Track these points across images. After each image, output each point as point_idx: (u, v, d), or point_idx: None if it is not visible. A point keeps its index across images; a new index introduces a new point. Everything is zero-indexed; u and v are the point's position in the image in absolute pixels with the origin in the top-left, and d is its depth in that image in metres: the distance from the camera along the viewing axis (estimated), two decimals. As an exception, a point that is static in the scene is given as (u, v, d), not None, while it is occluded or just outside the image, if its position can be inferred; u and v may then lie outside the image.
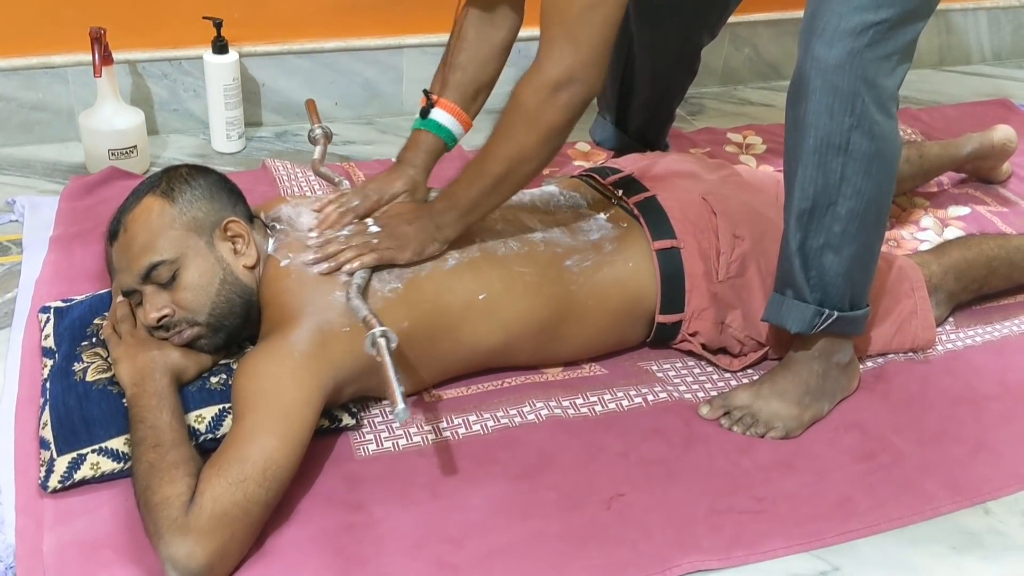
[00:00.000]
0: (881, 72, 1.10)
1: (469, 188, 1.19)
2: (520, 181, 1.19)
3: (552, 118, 1.13)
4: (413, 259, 1.20)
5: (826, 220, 1.16)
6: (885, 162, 1.15)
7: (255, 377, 1.07)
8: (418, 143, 1.37)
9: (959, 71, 2.55)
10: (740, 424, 1.25)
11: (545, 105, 1.12)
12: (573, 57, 1.10)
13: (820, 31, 1.09)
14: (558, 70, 1.11)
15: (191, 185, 1.19)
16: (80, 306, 1.31)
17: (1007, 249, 1.51)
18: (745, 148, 2.02)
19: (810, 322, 1.22)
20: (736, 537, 1.10)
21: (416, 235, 1.21)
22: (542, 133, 1.14)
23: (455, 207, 1.20)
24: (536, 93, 1.12)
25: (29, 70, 1.78)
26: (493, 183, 1.18)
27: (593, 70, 1.12)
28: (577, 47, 1.10)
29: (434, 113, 1.36)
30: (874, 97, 1.10)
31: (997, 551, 1.12)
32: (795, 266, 1.20)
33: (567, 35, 1.10)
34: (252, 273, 1.19)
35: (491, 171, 1.17)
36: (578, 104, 1.13)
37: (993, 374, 1.39)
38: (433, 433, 1.21)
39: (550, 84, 1.11)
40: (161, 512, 0.96)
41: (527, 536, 1.07)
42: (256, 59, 1.91)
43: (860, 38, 1.08)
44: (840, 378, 1.29)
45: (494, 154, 1.17)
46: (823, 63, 1.09)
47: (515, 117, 1.14)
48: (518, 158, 1.16)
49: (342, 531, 1.06)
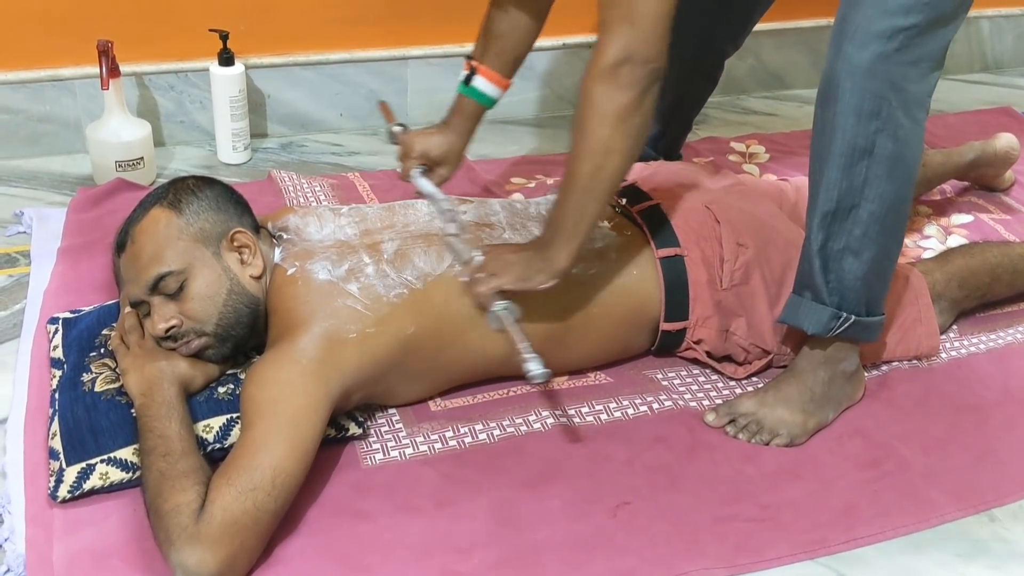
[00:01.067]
0: (910, 77, 1.11)
1: (566, 203, 1.15)
2: (611, 178, 1.14)
3: (619, 99, 1.09)
4: (515, 287, 1.17)
5: (848, 223, 1.17)
6: (906, 167, 1.16)
7: (263, 385, 1.08)
8: (461, 109, 1.42)
9: (961, 79, 2.55)
10: (745, 431, 1.26)
11: (609, 88, 1.09)
12: (629, 35, 1.07)
13: (851, 34, 1.10)
14: (615, 50, 1.08)
15: (198, 196, 1.20)
16: (88, 317, 1.32)
17: (1010, 257, 1.51)
18: (748, 157, 2.03)
19: (827, 325, 1.22)
20: (741, 545, 1.10)
21: (520, 261, 1.18)
22: (614, 118, 1.10)
23: (558, 231, 1.17)
24: (599, 79, 1.09)
25: (37, 83, 1.80)
26: (585, 186, 1.13)
27: (653, 45, 1.08)
28: (632, 24, 1.07)
29: (476, 81, 1.39)
30: (901, 101, 1.11)
31: (1003, 558, 1.12)
32: (815, 267, 1.20)
33: (623, 16, 1.07)
34: (259, 283, 1.20)
35: (578, 172, 1.13)
36: (642, 79, 1.09)
37: (997, 381, 1.39)
38: (439, 442, 1.21)
39: (609, 66, 1.08)
40: (172, 520, 0.97)
41: (533, 545, 1.08)
42: (262, 71, 1.93)
43: (890, 42, 1.09)
44: (845, 386, 1.29)
45: (576, 155, 1.13)
46: (853, 65, 1.10)
47: (585, 110, 1.11)
48: (601, 151, 1.11)
49: (349, 540, 1.07)
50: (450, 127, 1.42)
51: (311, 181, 1.79)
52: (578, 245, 1.17)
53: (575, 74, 2.17)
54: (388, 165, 1.90)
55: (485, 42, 1.39)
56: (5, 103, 1.79)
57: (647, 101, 1.11)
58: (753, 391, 1.31)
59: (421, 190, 1.36)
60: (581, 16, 2.10)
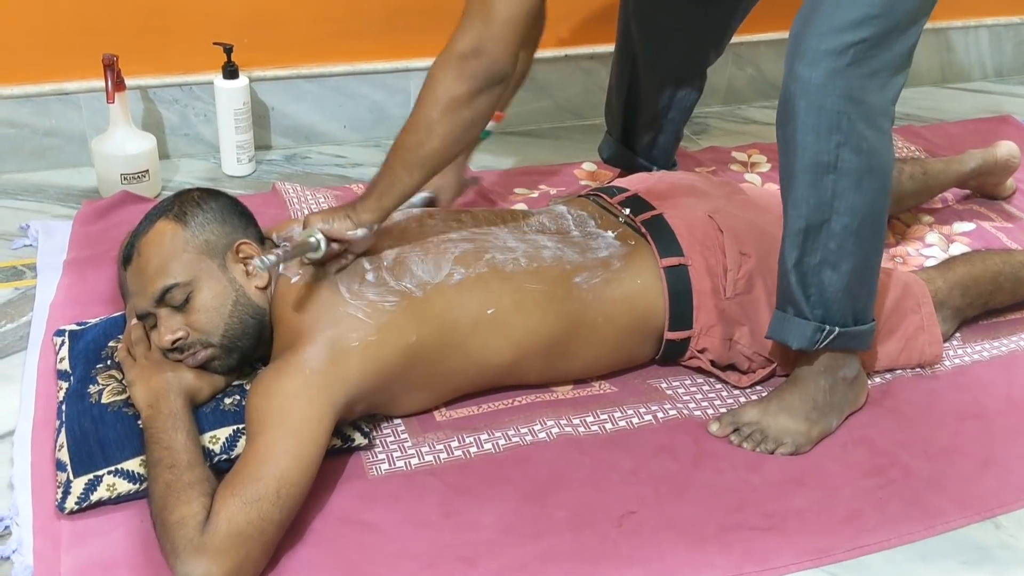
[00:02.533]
0: (868, 89, 1.12)
1: (384, 166, 1.20)
2: (428, 156, 1.18)
3: (453, 87, 1.14)
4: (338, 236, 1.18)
5: (821, 237, 1.18)
6: (876, 176, 1.16)
7: (268, 396, 1.09)
8: None
9: (961, 88, 2.56)
10: (750, 441, 1.26)
11: (448, 75, 1.14)
12: (481, 29, 1.12)
13: (802, 53, 1.12)
14: (465, 41, 1.13)
15: (203, 208, 1.21)
16: (94, 329, 1.32)
17: (1012, 264, 1.52)
18: (750, 166, 2.03)
19: (811, 338, 1.23)
20: (746, 553, 1.10)
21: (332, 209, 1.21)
22: (443, 104, 1.14)
23: (372, 187, 1.21)
24: (442, 65, 1.14)
25: (42, 97, 1.81)
26: (403, 156, 1.18)
27: (500, 44, 1.13)
28: (487, 21, 1.12)
29: None
30: (861, 114, 1.12)
31: (1008, 566, 1.12)
32: (792, 283, 1.21)
33: (480, 11, 1.13)
34: (264, 294, 1.21)
35: (402, 141, 1.18)
36: (481, 75, 1.13)
37: (1001, 389, 1.39)
38: (445, 452, 1.22)
39: (456, 54, 1.13)
40: (177, 532, 0.97)
41: (539, 554, 1.08)
42: (265, 84, 1.94)
43: (841, 58, 1.10)
44: (848, 393, 1.30)
45: (406, 125, 1.18)
46: (806, 84, 1.12)
47: (425, 88, 1.16)
48: (423, 128, 1.16)
49: (354, 550, 1.07)
50: None
51: (315, 192, 1.80)
52: (385, 206, 1.20)
53: (577, 85, 2.18)
54: (391, 176, 1.91)
55: None
56: (11, 117, 1.80)
57: (481, 99, 1.15)
58: (756, 400, 1.31)
59: None
60: (582, 28, 2.12)
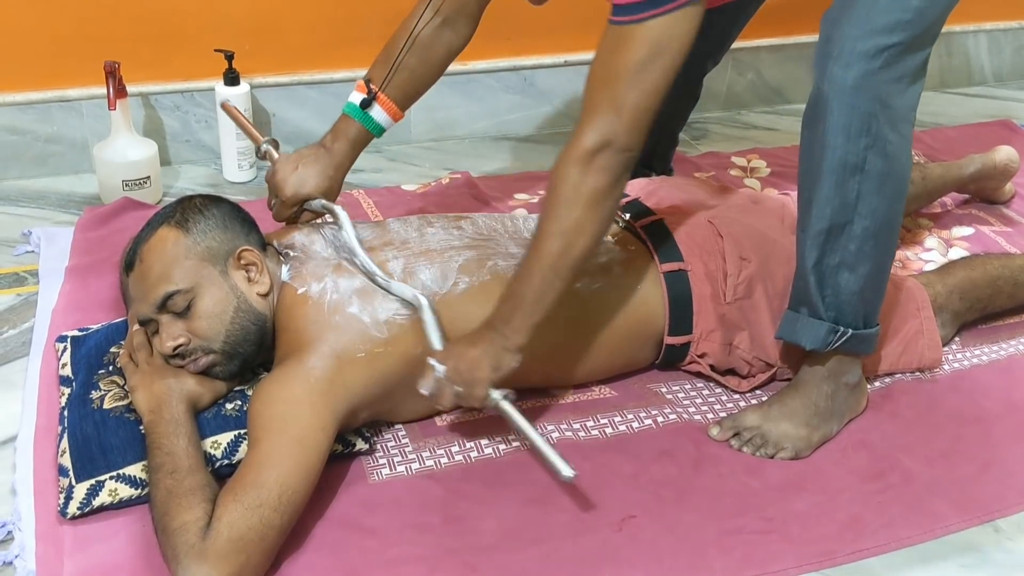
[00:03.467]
0: (895, 93, 1.13)
1: (529, 279, 1.14)
2: (577, 258, 1.13)
3: (593, 183, 1.10)
4: (492, 380, 1.15)
5: (842, 239, 1.18)
6: (897, 181, 1.18)
7: (271, 402, 1.09)
8: (348, 134, 1.39)
9: (961, 93, 2.57)
10: (750, 445, 1.26)
11: (585, 172, 1.09)
12: (613, 124, 1.08)
13: (836, 54, 1.12)
14: (596, 137, 1.09)
15: (205, 215, 1.21)
16: (96, 335, 1.33)
17: (1011, 268, 1.52)
18: (749, 172, 2.04)
19: (824, 339, 1.23)
20: (747, 557, 1.10)
21: (484, 353, 1.15)
22: (586, 201, 1.10)
23: (519, 305, 1.15)
24: (575, 163, 1.10)
25: (44, 103, 1.82)
26: (552, 265, 1.13)
27: (633, 135, 1.10)
28: (618, 114, 1.08)
29: (374, 110, 1.38)
30: (888, 117, 1.13)
31: (1007, 569, 1.12)
32: (811, 284, 1.21)
33: (610, 102, 1.09)
34: (266, 300, 1.21)
35: (548, 252, 1.12)
36: (618, 165, 1.10)
37: (1000, 392, 1.40)
38: (446, 457, 1.22)
39: (589, 151, 1.09)
40: (179, 537, 0.97)
41: (539, 559, 1.08)
42: (266, 90, 1.95)
43: (875, 60, 1.10)
44: (849, 398, 1.30)
45: (545, 233, 1.12)
46: (841, 85, 1.12)
47: (558, 191, 1.12)
48: (572, 230, 1.11)
49: (356, 555, 1.07)
50: (330, 155, 1.37)
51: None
52: (537, 323, 1.15)
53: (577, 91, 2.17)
54: (392, 182, 1.91)
55: (389, 71, 1.37)
56: (13, 124, 1.81)
57: (619, 186, 1.13)
58: (757, 404, 1.32)
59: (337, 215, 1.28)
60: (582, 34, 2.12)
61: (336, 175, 1.38)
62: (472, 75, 2.07)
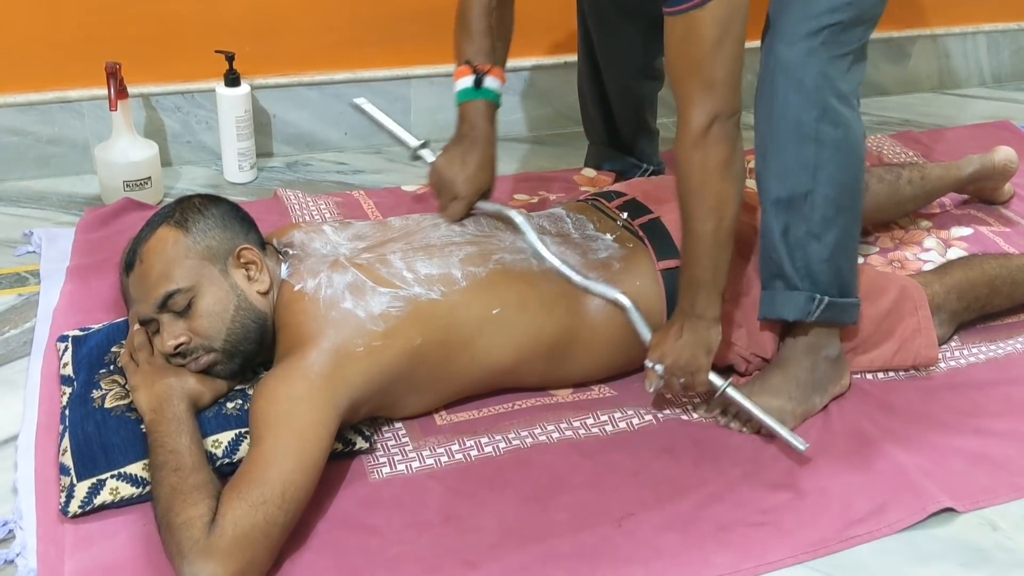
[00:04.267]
0: (837, 69, 1.21)
1: (699, 262, 1.20)
2: (731, 226, 1.20)
3: (716, 157, 1.15)
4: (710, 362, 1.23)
5: (805, 209, 1.24)
6: (852, 148, 1.24)
7: (272, 400, 1.09)
8: (479, 113, 1.37)
9: (959, 94, 2.57)
10: (735, 420, 1.29)
11: (707, 150, 1.15)
12: (712, 101, 1.13)
13: (781, 34, 1.21)
14: (702, 117, 1.14)
15: (204, 215, 1.22)
16: (97, 335, 1.33)
17: (1009, 268, 1.53)
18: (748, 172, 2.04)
19: (805, 308, 1.27)
20: (744, 551, 1.11)
21: (691, 340, 1.21)
22: (719, 172, 1.16)
23: (700, 287, 1.21)
24: (694, 147, 1.15)
25: (45, 105, 1.82)
26: (712, 240, 1.19)
27: (733, 99, 1.15)
28: (714, 91, 1.13)
29: (488, 82, 1.37)
30: (833, 91, 1.21)
31: (1006, 567, 1.13)
32: (782, 255, 1.26)
33: (703, 85, 1.13)
34: (266, 299, 1.22)
35: (705, 232, 1.18)
36: (731, 130, 1.16)
37: (996, 389, 1.40)
38: (446, 456, 1.22)
39: (700, 132, 1.14)
40: (184, 534, 0.98)
41: (539, 556, 1.08)
42: (267, 91, 1.95)
43: (815, 38, 1.20)
44: (830, 372, 1.32)
45: (695, 217, 1.18)
46: (785, 61, 1.20)
47: (691, 175, 1.17)
48: (717, 205, 1.17)
49: (357, 553, 1.08)
50: (476, 139, 1.37)
51: (316, 199, 1.81)
52: (720, 292, 1.22)
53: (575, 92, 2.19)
54: (392, 183, 1.92)
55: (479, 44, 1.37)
56: (14, 125, 1.82)
57: (739, 147, 1.18)
58: (741, 384, 1.33)
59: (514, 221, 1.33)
60: (582, 35, 2.12)
61: (492, 156, 1.39)
62: (472, 76, 2.07)
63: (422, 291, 1.21)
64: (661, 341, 1.23)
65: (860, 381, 1.39)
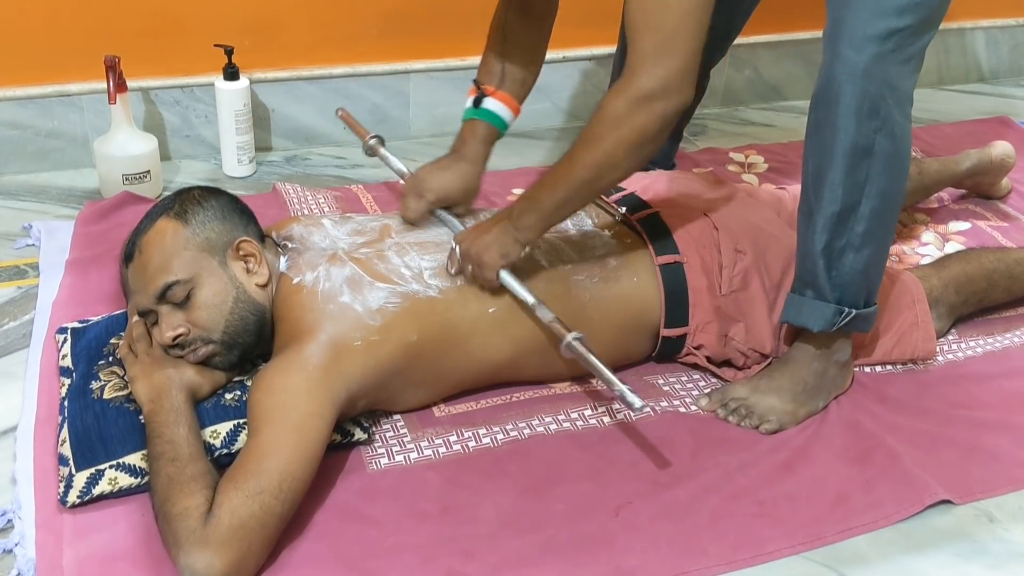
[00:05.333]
0: (902, 75, 1.15)
1: (553, 192, 1.18)
2: (603, 188, 1.19)
3: (645, 127, 1.11)
4: (500, 264, 1.21)
5: (850, 221, 1.20)
6: (902, 161, 1.20)
7: (270, 391, 1.10)
8: (474, 132, 1.40)
9: (958, 90, 2.58)
10: (735, 415, 1.29)
11: (638, 115, 1.10)
12: (667, 68, 1.08)
13: (847, 37, 1.13)
14: (653, 82, 1.09)
15: (203, 207, 1.22)
16: (96, 327, 1.33)
17: (1006, 262, 1.53)
18: (747, 167, 2.05)
19: (831, 321, 1.25)
20: (740, 540, 1.11)
21: (495, 240, 1.20)
22: (634, 142, 1.11)
23: (537, 209, 1.19)
24: (629, 104, 1.10)
25: (45, 98, 1.82)
26: (578, 187, 1.17)
27: (688, 79, 1.10)
28: (672, 57, 1.08)
29: (487, 103, 1.38)
30: (896, 99, 1.15)
31: (1003, 559, 1.13)
32: (819, 267, 1.23)
33: (663, 45, 1.08)
34: (265, 291, 1.22)
35: (577, 176, 1.16)
36: (672, 114, 1.11)
37: (992, 382, 1.41)
38: (444, 447, 1.23)
39: (644, 95, 1.09)
40: (180, 523, 0.98)
41: (537, 545, 1.09)
42: (266, 85, 1.95)
43: (886, 43, 1.12)
44: (836, 377, 1.32)
45: (581, 160, 1.15)
46: (852, 67, 1.13)
47: (605, 126, 1.12)
48: (606, 164, 1.14)
49: (355, 543, 1.08)
50: (464, 156, 1.40)
51: (315, 193, 1.81)
52: (550, 225, 1.21)
53: (575, 87, 2.19)
54: (391, 177, 1.92)
55: (490, 67, 1.39)
56: (14, 119, 1.82)
57: (663, 134, 1.13)
58: (746, 378, 1.33)
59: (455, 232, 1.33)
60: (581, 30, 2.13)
61: (475, 175, 1.40)
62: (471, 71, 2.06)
63: (419, 288, 1.21)
64: (473, 229, 1.23)
65: (858, 374, 1.40)
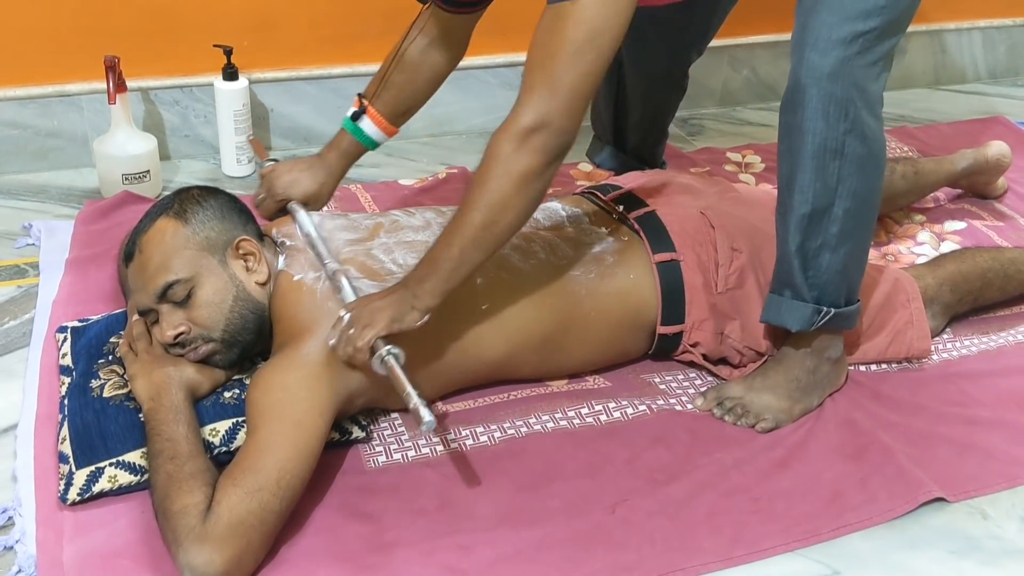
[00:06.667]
0: (869, 78, 1.16)
1: (448, 246, 1.13)
2: (501, 233, 1.13)
3: (526, 162, 1.09)
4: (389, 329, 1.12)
5: (824, 222, 1.21)
6: (875, 161, 1.21)
7: (269, 389, 1.10)
8: (340, 145, 1.45)
9: (954, 90, 2.58)
10: (731, 414, 1.29)
11: (521, 151, 1.08)
12: (549, 104, 1.08)
13: (813, 41, 1.14)
14: (532, 116, 1.08)
15: (203, 206, 1.23)
16: (96, 325, 1.34)
17: (1001, 262, 1.54)
18: (744, 167, 2.05)
19: (809, 320, 1.26)
20: (736, 537, 1.12)
21: (389, 305, 1.14)
22: (516, 179, 1.09)
23: (434, 270, 1.14)
24: (510, 140, 1.09)
25: (45, 98, 1.83)
26: (473, 236, 1.12)
27: (568, 118, 1.09)
28: (554, 94, 1.08)
29: (363, 122, 1.43)
30: (865, 102, 1.16)
31: (995, 555, 1.14)
32: (794, 267, 1.24)
33: (547, 82, 1.08)
34: (264, 289, 1.22)
35: (470, 220, 1.11)
36: (552, 148, 1.10)
37: (987, 380, 1.41)
38: (441, 444, 1.23)
39: (524, 130, 1.08)
40: (180, 521, 0.99)
41: (533, 542, 1.10)
42: (265, 85, 1.96)
43: (851, 46, 1.13)
44: (830, 373, 1.33)
45: (472, 205, 1.11)
46: (818, 71, 1.14)
47: (490, 164, 1.11)
48: (497, 205, 1.10)
49: (353, 540, 1.09)
50: (324, 163, 1.43)
51: (314, 192, 1.82)
52: (450, 289, 1.15)
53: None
54: (389, 177, 1.93)
55: (380, 87, 1.43)
56: (14, 118, 1.82)
57: (551, 169, 1.11)
58: (741, 377, 1.34)
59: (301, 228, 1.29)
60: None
61: (326, 182, 1.43)
62: (469, 71, 2.08)
63: None
64: (367, 296, 1.16)
65: (853, 372, 1.40)
